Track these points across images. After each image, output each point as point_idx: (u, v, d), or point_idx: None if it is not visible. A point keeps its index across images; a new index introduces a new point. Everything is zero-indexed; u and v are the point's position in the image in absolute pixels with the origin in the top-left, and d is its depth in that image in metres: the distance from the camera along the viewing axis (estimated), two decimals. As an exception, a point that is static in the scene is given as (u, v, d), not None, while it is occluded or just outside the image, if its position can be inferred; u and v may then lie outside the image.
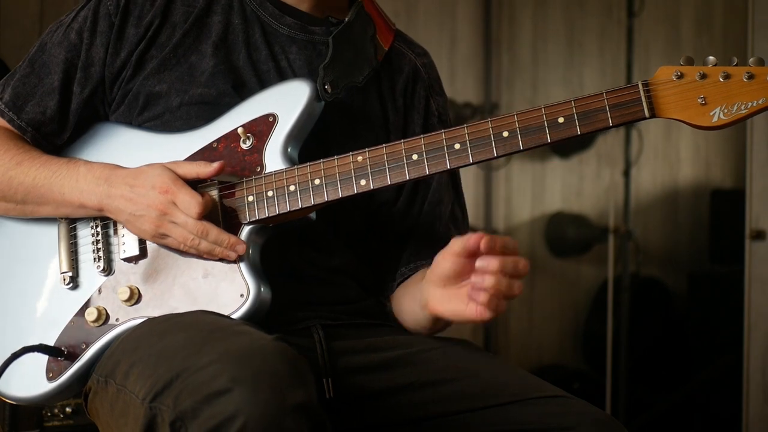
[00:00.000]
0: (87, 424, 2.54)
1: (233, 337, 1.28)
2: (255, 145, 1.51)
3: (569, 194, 4.55)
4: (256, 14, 1.62)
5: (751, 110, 1.33)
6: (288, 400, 1.16)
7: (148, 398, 1.26)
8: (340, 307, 1.58)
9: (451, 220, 1.68)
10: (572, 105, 1.37)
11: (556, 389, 1.47)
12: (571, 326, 4.59)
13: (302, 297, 1.55)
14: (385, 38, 1.68)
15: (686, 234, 4.65)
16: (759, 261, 3.25)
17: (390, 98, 1.66)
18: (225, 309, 1.45)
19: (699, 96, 1.34)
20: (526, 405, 1.44)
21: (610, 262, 4.10)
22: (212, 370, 1.19)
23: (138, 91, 1.58)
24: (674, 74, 1.35)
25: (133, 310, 1.50)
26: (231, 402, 1.15)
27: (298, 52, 1.61)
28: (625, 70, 4.39)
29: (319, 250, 1.57)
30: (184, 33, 1.59)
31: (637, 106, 1.35)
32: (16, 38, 3.18)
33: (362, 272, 1.61)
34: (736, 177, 4.28)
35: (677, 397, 4.26)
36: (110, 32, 1.58)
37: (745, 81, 1.33)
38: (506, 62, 4.46)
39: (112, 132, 1.62)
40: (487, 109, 4.33)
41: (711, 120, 1.34)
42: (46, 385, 1.53)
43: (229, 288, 1.46)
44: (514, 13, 4.48)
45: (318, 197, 1.46)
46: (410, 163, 1.43)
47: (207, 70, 1.57)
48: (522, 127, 1.39)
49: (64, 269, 1.57)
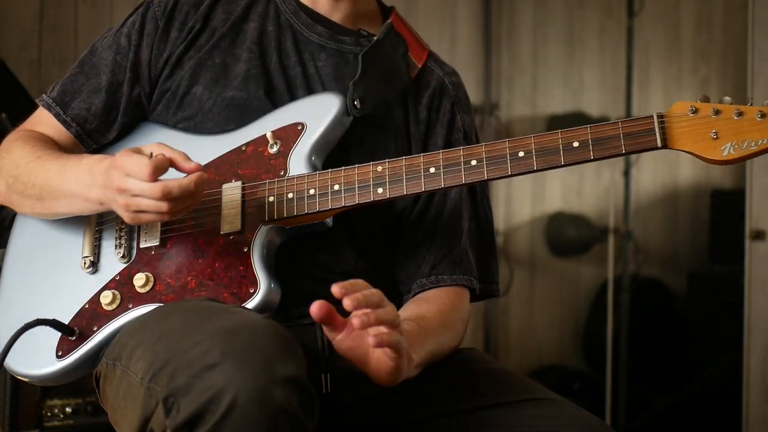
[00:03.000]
0: (87, 424, 2.55)
1: (226, 317, 1.31)
2: (281, 150, 1.57)
3: (569, 194, 4.55)
4: (289, 22, 1.68)
5: (760, 147, 1.38)
6: (277, 372, 1.18)
7: (146, 377, 1.29)
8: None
9: (468, 237, 1.68)
10: (588, 131, 1.43)
11: (547, 392, 1.49)
12: (571, 326, 4.59)
13: (309, 294, 1.56)
14: (418, 56, 1.73)
15: (686, 234, 4.65)
16: (759, 261, 3.25)
17: (413, 111, 1.69)
18: (234, 303, 1.49)
19: (711, 131, 1.39)
20: (515, 408, 1.45)
21: (610, 263, 4.10)
22: (204, 346, 1.22)
23: (175, 91, 1.65)
24: (689, 109, 1.40)
25: (147, 297, 1.54)
26: (221, 375, 1.17)
27: (327, 60, 1.66)
28: (625, 69, 4.39)
29: (331, 255, 1.60)
30: (221, 36, 1.66)
31: (650, 136, 1.40)
32: (16, 38, 3.19)
33: (372, 278, 1.61)
34: (736, 177, 4.29)
35: (677, 397, 4.26)
36: (155, 34, 1.66)
37: (757, 120, 1.38)
38: (506, 62, 4.46)
39: (147, 131, 1.68)
40: (487, 108, 4.33)
41: (721, 154, 1.39)
42: (54, 363, 1.56)
43: (241, 283, 1.50)
44: (514, 12, 4.48)
45: (335, 202, 1.51)
46: (427, 176, 1.48)
47: (240, 74, 1.64)
48: (537, 149, 1.44)
49: (86, 254, 1.61)
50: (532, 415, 1.43)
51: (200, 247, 1.55)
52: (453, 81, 1.75)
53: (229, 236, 1.53)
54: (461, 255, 1.65)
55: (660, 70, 4.56)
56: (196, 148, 1.59)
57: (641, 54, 4.46)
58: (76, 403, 2.43)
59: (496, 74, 4.40)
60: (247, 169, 1.57)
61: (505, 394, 1.47)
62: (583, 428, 1.41)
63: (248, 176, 1.57)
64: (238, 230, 1.53)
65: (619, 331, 4.18)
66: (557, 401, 1.46)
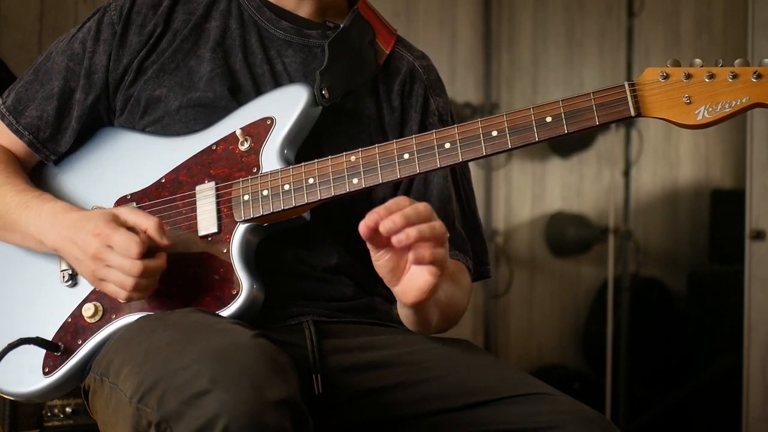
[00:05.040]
0: (87, 424, 2.54)
1: (214, 336, 1.30)
2: (252, 146, 1.55)
3: (569, 194, 4.55)
4: (253, 19, 1.66)
5: (734, 109, 1.35)
6: (268, 396, 1.18)
7: (135, 398, 1.28)
8: (334, 304, 1.59)
9: (458, 219, 1.68)
10: (560, 105, 1.41)
11: (546, 386, 1.48)
12: (571, 326, 4.59)
13: (295, 293, 1.56)
14: (387, 42, 1.71)
15: (686, 234, 4.65)
16: (759, 261, 3.25)
17: (386, 99, 1.67)
18: (218, 306, 1.48)
19: (684, 95, 1.37)
20: (515, 403, 1.44)
21: (610, 262, 4.10)
22: (192, 370, 1.21)
23: (139, 96, 1.62)
24: (660, 75, 1.38)
25: (129, 306, 1.53)
26: (212, 403, 1.16)
27: (294, 56, 1.64)
28: (625, 70, 4.39)
29: (313, 250, 1.59)
30: (183, 38, 1.63)
31: (623, 105, 1.38)
32: (16, 38, 3.19)
33: (359, 272, 1.62)
34: (736, 177, 4.29)
35: (677, 397, 4.26)
36: (113, 40, 1.63)
37: (729, 81, 1.36)
38: (506, 62, 4.46)
39: (113, 136, 1.66)
40: (487, 109, 4.33)
41: (696, 118, 1.37)
42: (42, 380, 1.55)
43: (222, 285, 1.49)
44: (514, 13, 4.48)
45: (311, 196, 1.49)
46: (401, 162, 1.46)
47: (205, 74, 1.61)
48: (511, 127, 1.42)
49: (64, 267, 1.59)
50: (533, 410, 1.42)
51: (179, 251, 1.52)
52: (423, 65, 1.74)
53: (207, 238, 1.52)
54: (456, 237, 1.64)
55: (660, 71, 4.55)
56: (165, 150, 1.59)
57: (641, 55, 4.46)
58: (76, 403, 2.43)
59: (496, 75, 4.40)
60: (219, 168, 1.55)
61: (504, 389, 1.46)
62: (584, 422, 1.40)
63: (221, 176, 1.55)
64: (215, 232, 1.52)
65: (619, 331, 4.18)
66: (557, 396, 1.46)
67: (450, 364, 1.51)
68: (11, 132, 1.65)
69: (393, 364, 1.50)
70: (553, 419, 1.40)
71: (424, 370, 1.49)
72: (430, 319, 1.52)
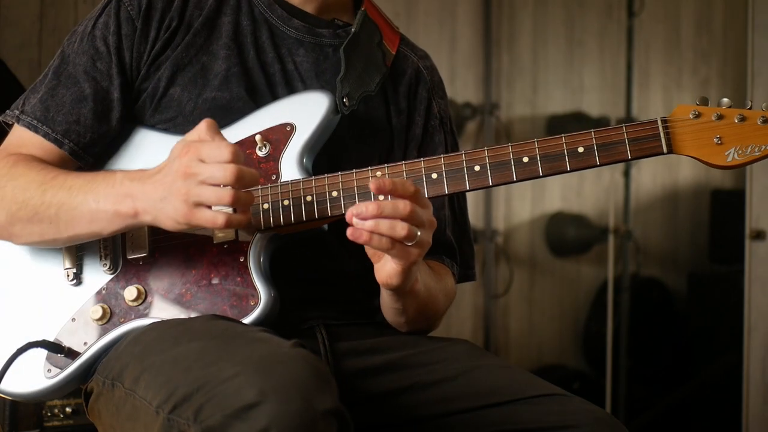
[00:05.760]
0: (87, 423, 2.54)
1: (251, 345, 1.27)
2: (271, 153, 1.52)
3: (569, 194, 4.55)
4: (264, 16, 1.63)
5: (763, 153, 1.40)
6: (317, 406, 1.16)
7: (165, 408, 1.24)
8: (345, 307, 1.58)
9: (447, 225, 1.69)
10: (592, 136, 1.41)
11: (555, 388, 1.48)
12: (571, 326, 4.59)
13: (306, 296, 1.55)
14: (392, 42, 1.70)
15: (686, 234, 4.65)
16: (759, 261, 3.25)
17: (393, 101, 1.67)
18: (236, 315, 1.45)
19: (715, 136, 1.40)
20: (526, 404, 1.44)
21: (610, 262, 4.10)
22: (237, 382, 1.17)
23: (152, 93, 1.58)
24: (692, 113, 1.41)
25: (139, 311, 1.50)
26: (263, 415, 1.13)
27: (305, 55, 1.62)
28: (625, 70, 4.39)
29: (328, 257, 1.58)
30: (196, 33, 1.60)
31: (655, 141, 1.40)
32: (16, 38, 3.18)
33: (369, 279, 1.62)
34: (736, 177, 4.28)
35: (677, 397, 4.26)
36: (133, 35, 1.58)
37: (759, 124, 1.39)
38: (506, 62, 4.46)
39: (127, 133, 1.61)
40: (487, 109, 4.33)
41: (726, 159, 1.40)
42: (44, 382, 1.53)
43: (240, 294, 1.46)
44: (514, 13, 4.48)
45: (335, 210, 1.46)
46: (429, 182, 1.45)
47: (220, 73, 1.58)
48: (542, 154, 1.42)
49: (68, 265, 1.56)
50: (544, 411, 1.42)
51: (192, 258, 1.49)
52: (427, 65, 1.74)
53: (222, 245, 1.49)
54: (446, 242, 1.67)
55: (660, 71, 4.56)
56: None
57: (641, 55, 4.45)
58: (76, 403, 2.43)
59: (496, 74, 4.40)
60: None
61: (516, 390, 1.46)
62: (595, 422, 1.40)
63: None
64: (232, 239, 1.48)
65: (619, 331, 4.18)
66: (568, 397, 1.46)
67: (458, 366, 1.50)
68: (48, 141, 1.56)
69: (403, 367, 1.50)
70: (565, 420, 1.41)
71: (433, 372, 1.49)
72: (407, 308, 1.52)
